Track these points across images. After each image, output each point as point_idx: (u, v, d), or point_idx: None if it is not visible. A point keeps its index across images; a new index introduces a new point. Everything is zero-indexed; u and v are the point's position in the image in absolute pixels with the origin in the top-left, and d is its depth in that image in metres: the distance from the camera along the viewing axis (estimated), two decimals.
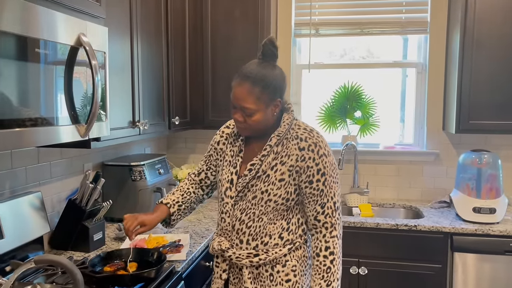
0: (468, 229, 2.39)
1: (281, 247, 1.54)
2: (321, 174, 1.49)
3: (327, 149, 1.52)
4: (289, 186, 1.51)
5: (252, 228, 1.54)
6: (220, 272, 1.62)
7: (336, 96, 3.09)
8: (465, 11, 2.56)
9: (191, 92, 2.83)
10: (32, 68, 1.24)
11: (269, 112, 1.51)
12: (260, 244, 1.54)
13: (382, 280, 2.51)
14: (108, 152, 2.50)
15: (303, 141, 1.50)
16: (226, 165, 1.61)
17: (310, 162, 1.49)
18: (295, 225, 1.55)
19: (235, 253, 1.56)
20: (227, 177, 1.59)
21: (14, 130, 1.19)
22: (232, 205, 1.57)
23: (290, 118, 1.56)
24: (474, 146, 2.92)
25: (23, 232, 1.69)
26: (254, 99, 1.46)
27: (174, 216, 1.72)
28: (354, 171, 3.02)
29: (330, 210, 1.51)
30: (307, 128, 1.55)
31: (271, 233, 1.53)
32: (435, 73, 2.95)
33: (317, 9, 3.06)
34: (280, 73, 1.52)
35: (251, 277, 1.56)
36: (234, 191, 1.56)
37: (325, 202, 1.51)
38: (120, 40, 1.94)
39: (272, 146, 1.53)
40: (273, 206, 1.52)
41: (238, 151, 1.61)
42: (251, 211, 1.54)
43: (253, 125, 1.51)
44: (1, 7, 1.12)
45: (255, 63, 1.51)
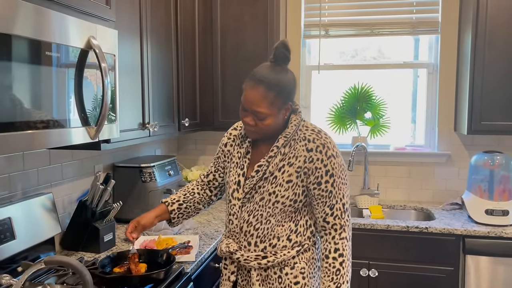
0: (480, 231, 2.35)
1: (290, 249, 1.53)
2: (329, 175, 1.49)
3: (335, 150, 1.51)
4: (297, 188, 1.50)
5: (260, 230, 1.54)
6: (228, 274, 1.62)
7: (346, 97, 3.08)
8: (477, 11, 2.53)
9: (201, 94, 2.84)
10: (43, 71, 1.26)
11: (280, 116, 1.51)
12: (268, 246, 1.54)
13: (392, 282, 2.49)
14: (119, 153, 2.52)
15: (311, 142, 1.50)
16: (233, 167, 1.62)
17: (318, 163, 1.48)
18: (303, 227, 1.55)
19: (243, 255, 1.56)
20: (234, 178, 1.59)
21: (26, 132, 1.20)
22: (240, 207, 1.57)
23: (298, 120, 1.55)
24: (486, 147, 2.88)
25: (35, 233, 1.71)
26: (268, 104, 1.45)
27: (174, 214, 1.73)
28: (365, 173, 3.00)
29: (339, 212, 1.50)
30: (315, 129, 1.55)
31: (279, 235, 1.53)
32: (446, 73, 2.92)
33: (327, 10, 3.05)
34: (292, 77, 1.52)
35: (259, 279, 1.56)
36: (241, 192, 1.56)
37: (333, 204, 1.50)
38: (130, 43, 1.96)
39: (279, 147, 1.52)
40: (281, 208, 1.51)
41: (245, 152, 1.61)
42: (259, 213, 1.53)
43: (264, 129, 1.50)
44: (14, 12, 1.14)
45: (268, 66, 1.50)
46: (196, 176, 3.04)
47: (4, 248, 1.54)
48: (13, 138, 1.16)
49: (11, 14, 1.13)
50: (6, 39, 1.12)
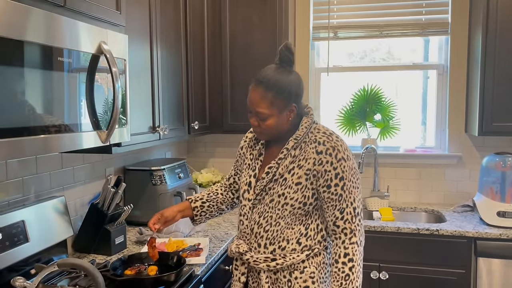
0: (492, 233, 2.33)
1: (299, 252, 1.52)
2: (339, 179, 1.48)
3: (346, 153, 1.50)
4: (306, 190, 1.50)
5: (269, 232, 1.54)
6: (239, 275, 1.63)
7: (355, 99, 3.07)
8: (487, 11, 2.51)
9: (210, 97, 2.85)
10: (55, 77, 1.28)
11: (283, 117, 1.51)
12: (277, 249, 1.54)
13: (403, 285, 2.47)
14: (129, 157, 2.55)
15: (321, 145, 1.49)
16: (245, 169, 1.64)
17: (327, 166, 1.48)
18: (313, 231, 1.54)
19: (252, 257, 1.56)
20: (245, 180, 1.61)
21: (39, 136, 1.23)
22: (250, 208, 1.58)
23: (309, 122, 1.56)
24: (498, 148, 2.86)
25: (48, 236, 1.74)
26: (268, 104, 1.48)
27: (196, 211, 1.76)
28: (374, 175, 2.99)
29: (350, 216, 1.48)
30: (327, 132, 1.54)
31: (288, 238, 1.53)
32: (456, 74, 2.90)
33: (335, 12, 3.06)
34: (296, 78, 1.53)
35: (269, 282, 1.56)
36: (252, 193, 1.57)
37: (344, 208, 1.48)
38: (140, 47, 1.98)
39: (289, 149, 1.53)
40: (290, 210, 1.51)
41: (257, 154, 1.63)
42: (269, 215, 1.54)
43: (267, 129, 1.52)
44: (26, 19, 1.16)
45: (272, 68, 1.53)
46: (206, 179, 3.05)
47: (17, 251, 1.57)
48: (26, 142, 1.18)
49: (23, 21, 1.16)
50: (19, 46, 1.14)
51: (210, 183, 3.07)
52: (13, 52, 1.13)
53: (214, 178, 3.08)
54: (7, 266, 1.52)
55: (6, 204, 1.68)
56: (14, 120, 1.14)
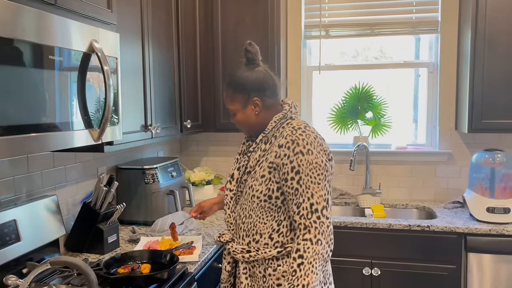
0: (482, 229, 2.36)
1: (271, 248, 1.53)
2: (295, 172, 1.45)
3: (307, 147, 1.45)
4: (270, 183, 1.50)
5: (245, 224, 1.58)
6: (225, 264, 1.68)
7: (347, 97, 3.09)
8: (476, 10, 2.54)
9: (203, 96, 2.85)
10: (46, 75, 1.28)
11: (248, 111, 1.59)
12: (252, 241, 1.57)
13: (395, 281, 2.50)
14: (122, 155, 2.54)
15: (283, 138, 1.49)
16: (234, 163, 1.71)
17: (285, 159, 1.46)
18: (286, 228, 1.52)
19: (232, 247, 1.61)
20: (230, 172, 1.68)
21: (30, 135, 1.22)
22: (232, 198, 1.65)
23: (279, 117, 1.57)
24: (487, 145, 2.89)
25: (40, 235, 1.73)
26: (229, 100, 1.60)
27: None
28: (366, 172, 3.01)
29: (305, 212, 1.43)
30: (296, 127, 1.51)
31: (261, 232, 1.54)
32: (446, 72, 2.93)
33: (327, 10, 3.07)
34: (258, 74, 1.58)
35: (246, 273, 1.59)
36: (234, 185, 1.65)
37: (300, 202, 1.44)
38: (132, 46, 1.98)
39: (258, 143, 1.59)
40: (257, 203, 1.53)
41: (246, 150, 1.70)
42: (244, 207, 1.59)
43: (240, 124, 1.62)
44: (16, 17, 1.16)
45: (237, 68, 1.63)
46: (199, 177, 3.06)
47: (9, 250, 1.56)
48: (17, 141, 1.18)
49: (14, 19, 1.15)
50: (9, 44, 1.14)
51: (203, 181, 3.07)
52: (4, 51, 1.12)
53: (207, 176, 3.09)
54: None
55: None
56: (5, 119, 1.13)
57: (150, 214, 2.40)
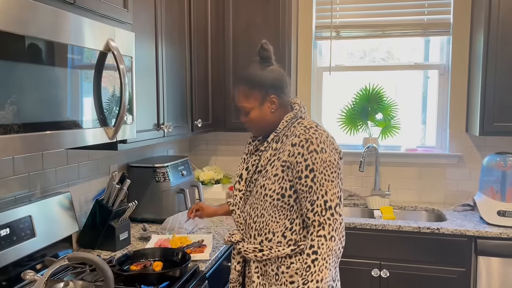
0: (492, 232, 2.35)
1: (284, 246, 1.54)
2: (309, 170, 1.47)
3: (320, 146, 1.48)
4: (284, 182, 1.52)
5: (257, 224, 1.59)
6: (235, 264, 1.68)
7: (357, 98, 3.09)
8: (489, 12, 2.53)
9: (213, 95, 2.87)
10: (63, 73, 1.29)
11: (265, 109, 1.58)
12: (264, 240, 1.57)
13: (404, 283, 2.49)
14: (132, 153, 2.56)
15: (296, 137, 1.51)
16: (240, 163, 1.71)
17: (299, 158, 1.48)
18: (299, 226, 1.54)
19: (243, 246, 1.61)
20: (238, 172, 1.69)
21: (46, 133, 1.24)
22: (241, 198, 1.66)
23: (290, 116, 1.59)
24: (498, 148, 2.88)
25: (53, 231, 1.75)
26: (244, 97, 1.58)
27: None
28: (376, 174, 3.01)
29: (319, 209, 1.46)
30: (308, 126, 1.53)
31: (274, 231, 1.55)
32: (458, 74, 2.92)
33: (338, 11, 3.07)
34: (271, 71, 1.59)
35: (258, 272, 1.60)
36: (243, 185, 1.65)
37: (314, 200, 1.47)
38: (146, 45, 1.99)
39: (270, 142, 1.59)
40: (270, 201, 1.54)
41: (253, 149, 1.70)
42: (255, 206, 1.59)
43: (252, 123, 1.61)
44: (35, 15, 1.17)
45: (250, 66, 1.62)
46: (208, 177, 3.07)
47: (24, 246, 1.58)
48: (34, 138, 1.19)
49: (33, 18, 1.17)
50: (28, 42, 1.15)
51: (212, 180, 3.08)
52: (24, 49, 1.14)
53: (216, 176, 3.10)
54: (14, 261, 1.54)
55: (13, 199, 1.70)
56: (22, 116, 1.14)
57: (161, 212, 2.41)
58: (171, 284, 1.59)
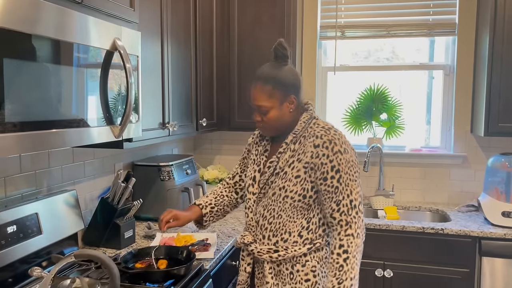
0: (497, 233, 2.35)
1: (301, 245, 1.56)
2: (335, 171, 1.50)
3: (343, 146, 1.52)
4: (305, 183, 1.53)
5: (272, 224, 1.59)
6: (245, 265, 1.68)
7: (361, 98, 3.09)
8: (495, 12, 2.52)
9: (218, 95, 2.88)
10: (69, 72, 1.30)
11: (284, 108, 1.57)
12: (280, 241, 1.58)
13: (407, 283, 2.49)
14: (137, 152, 2.57)
15: (318, 138, 1.53)
16: (251, 164, 1.70)
17: (324, 159, 1.51)
18: (315, 225, 1.57)
19: (257, 248, 1.61)
20: (250, 174, 1.67)
21: (52, 131, 1.25)
22: (255, 201, 1.64)
23: (307, 117, 1.60)
24: (503, 149, 2.87)
25: (59, 229, 1.76)
26: (266, 96, 1.55)
27: (206, 217, 1.81)
28: (380, 174, 3.01)
29: (346, 208, 1.50)
30: (325, 126, 1.57)
31: (290, 231, 1.56)
32: (463, 75, 2.92)
33: (343, 11, 3.07)
34: (291, 71, 1.58)
35: (272, 273, 1.60)
36: (256, 187, 1.64)
37: (340, 200, 1.50)
38: (151, 44, 2.00)
39: (288, 143, 1.58)
40: (290, 203, 1.55)
41: (263, 150, 1.69)
42: (271, 208, 1.59)
43: (270, 123, 1.58)
44: (43, 14, 1.18)
45: (267, 65, 1.60)
46: (212, 176, 3.08)
47: (31, 243, 1.59)
48: (41, 136, 1.20)
49: (41, 16, 1.18)
50: (37, 41, 1.16)
51: (216, 179, 3.09)
52: (31, 47, 1.15)
53: (220, 175, 3.11)
54: (20, 257, 1.55)
55: (20, 197, 1.71)
56: (29, 114, 1.15)
57: (165, 210, 2.42)
58: (176, 282, 1.60)
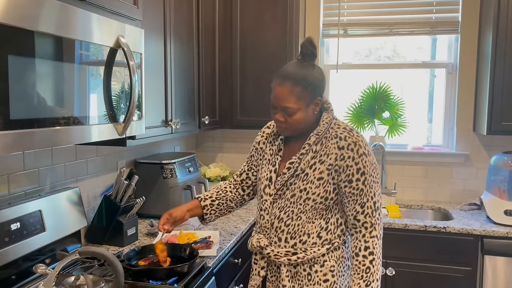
0: (499, 232, 2.35)
1: (320, 246, 1.54)
2: (360, 174, 1.49)
3: (367, 148, 1.52)
4: (328, 185, 1.52)
5: (290, 227, 1.56)
6: (258, 269, 1.65)
7: (364, 96, 3.09)
8: (498, 10, 2.52)
9: (220, 92, 2.88)
10: (74, 69, 1.30)
11: (309, 110, 1.53)
12: (298, 243, 1.55)
13: (410, 281, 2.50)
14: (140, 150, 2.57)
15: (342, 140, 1.51)
16: (265, 164, 1.65)
17: (349, 161, 1.49)
18: (333, 225, 1.56)
19: (273, 251, 1.58)
20: (266, 175, 1.62)
21: (56, 128, 1.24)
22: (271, 203, 1.59)
23: (330, 117, 1.57)
24: (506, 148, 2.87)
25: (63, 226, 1.76)
26: (296, 98, 1.48)
27: (206, 210, 1.77)
28: (382, 172, 3.01)
29: (370, 210, 1.50)
30: (347, 128, 1.55)
31: (309, 232, 1.54)
32: (466, 73, 2.91)
33: (346, 9, 3.07)
34: (319, 72, 1.54)
35: (289, 275, 1.58)
36: (273, 188, 1.59)
37: (365, 202, 1.50)
38: (155, 42, 2.00)
39: (311, 144, 1.54)
40: (312, 205, 1.53)
41: (277, 150, 1.64)
42: (290, 209, 1.56)
43: (294, 124, 1.52)
44: (47, 11, 1.18)
45: (294, 63, 1.54)
46: (214, 173, 3.08)
47: (35, 240, 1.59)
48: (44, 133, 1.20)
49: (45, 13, 1.18)
50: (40, 38, 1.16)
51: (218, 177, 3.09)
52: (34, 44, 1.15)
53: (222, 172, 3.11)
54: (24, 254, 1.55)
55: (23, 194, 1.71)
56: (32, 112, 1.15)
57: (168, 208, 2.42)
58: (179, 280, 1.60)
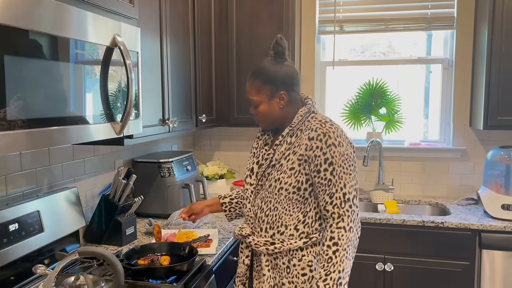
0: (496, 226, 2.36)
1: (296, 239, 1.56)
2: (328, 164, 1.50)
3: (338, 140, 1.52)
4: (300, 175, 1.54)
5: (269, 217, 1.60)
6: (243, 258, 1.69)
7: (360, 92, 3.09)
8: (493, 5, 2.52)
9: (217, 91, 2.87)
10: (70, 69, 1.30)
11: (273, 104, 1.60)
12: (276, 233, 1.59)
13: (408, 276, 2.51)
14: (137, 149, 2.57)
15: (313, 131, 1.54)
16: (250, 156, 1.72)
17: (317, 152, 1.51)
18: (311, 219, 1.57)
19: (254, 240, 1.62)
20: (249, 166, 1.69)
21: (53, 128, 1.24)
22: (252, 192, 1.66)
23: (305, 111, 1.61)
24: (502, 142, 2.88)
25: (61, 226, 1.76)
26: (255, 91, 1.60)
27: (224, 207, 1.87)
28: (379, 168, 3.02)
29: (339, 201, 1.50)
30: (322, 120, 1.57)
31: (286, 224, 1.57)
32: (462, 68, 2.92)
33: (341, 6, 3.07)
34: (289, 69, 1.60)
35: (269, 265, 1.61)
36: (254, 178, 1.66)
37: (333, 192, 1.50)
38: (151, 40, 1.99)
39: (285, 136, 1.60)
40: (285, 195, 1.56)
41: (263, 144, 1.71)
42: (268, 200, 1.60)
43: (261, 116, 1.63)
44: (41, 10, 1.17)
45: (266, 60, 1.63)
46: (212, 172, 3.08)
47: (33, 240, 1.59)
48: (41, 134, 1.19)
49: (40, 12, 1.17)
50: (35, 37, 1.15)
51: (216, 175, 3.09)
52: (29, 44, 1.14)
53: (219, 171, 3.11)
54: (22, 255, 1.55)
55: (21, 194, 1.70)
56: (29, 112, 1.14)
57: (166, 207, 2.42)
58: (179, 278, 1.60)
